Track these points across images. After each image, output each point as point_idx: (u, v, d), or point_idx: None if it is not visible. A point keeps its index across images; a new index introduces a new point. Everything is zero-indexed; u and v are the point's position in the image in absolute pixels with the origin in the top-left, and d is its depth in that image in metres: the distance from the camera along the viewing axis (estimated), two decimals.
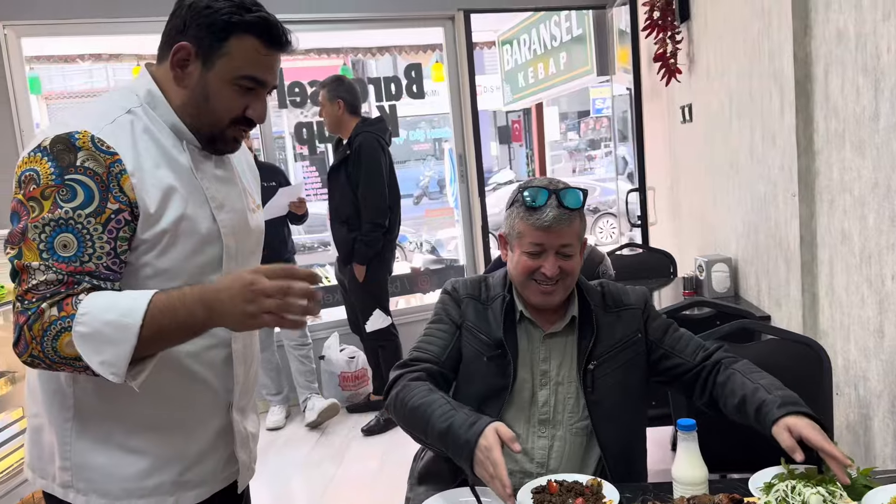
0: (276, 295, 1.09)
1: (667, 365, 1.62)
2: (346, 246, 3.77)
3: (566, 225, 1.53)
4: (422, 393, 1.48)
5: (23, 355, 1.14)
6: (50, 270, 1.13)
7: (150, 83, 1.28)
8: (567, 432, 1.59)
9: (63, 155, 1.15)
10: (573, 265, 1.56)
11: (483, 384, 1.60)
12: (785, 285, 2.55)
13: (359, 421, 4.13)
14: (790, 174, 2.39)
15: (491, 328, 1.61)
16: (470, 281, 1.70)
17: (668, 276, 3.70)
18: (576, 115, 21.42)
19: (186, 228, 1.25)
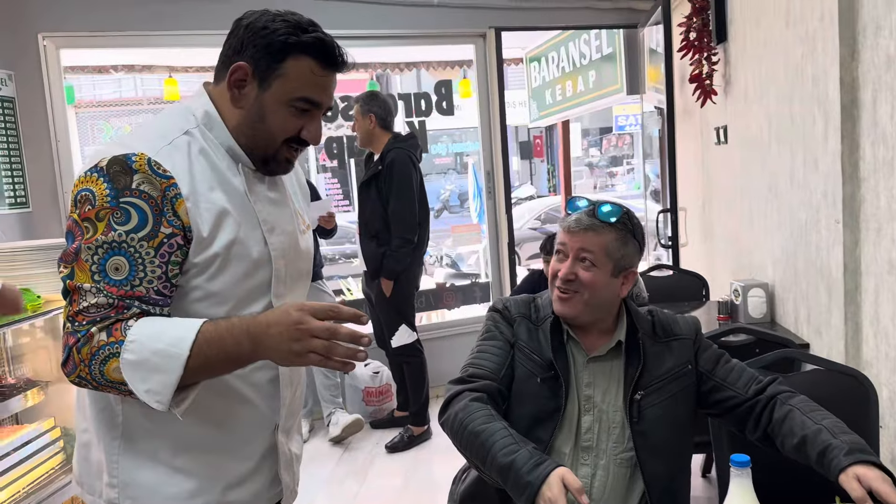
0: (322, 336, 1.08)
1: (718, 397, 1.58)
2: (375, 260, 3.77)
3: (592, 232, 1.53)
4: (483, 418, 1.43)
5: (70, 375, 1.14)
6: (101, 294, 1.14)
7: (208, 104, 1.28)
8: (610, 462, 1.56)
9: (119, 177, 1.15)
10: (591, 277, 1.53)
11: (535, 406, 1.56)
12: (826, 313, 2.50)
13: (382, 437, 4.10)
14: (834, 200, 2.35)
15: (542, 349, 1.58)
16: (521, 300, 1.68)
17: (701, 300, 3.65)
18: (598, 131, 21.40)
19: (238, 252, 1.25)
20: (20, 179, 3.64)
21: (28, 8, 3.68)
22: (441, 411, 1.52)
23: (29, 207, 3.71)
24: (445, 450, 1.64)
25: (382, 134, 3.82)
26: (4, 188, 3.53)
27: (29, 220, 3.70)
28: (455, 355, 4.68)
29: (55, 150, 3.80)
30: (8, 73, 3.60)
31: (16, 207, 3.61)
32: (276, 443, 1.39)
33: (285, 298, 1.34)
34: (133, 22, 3.88)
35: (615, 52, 5.33)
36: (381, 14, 4.29)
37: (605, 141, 21.55)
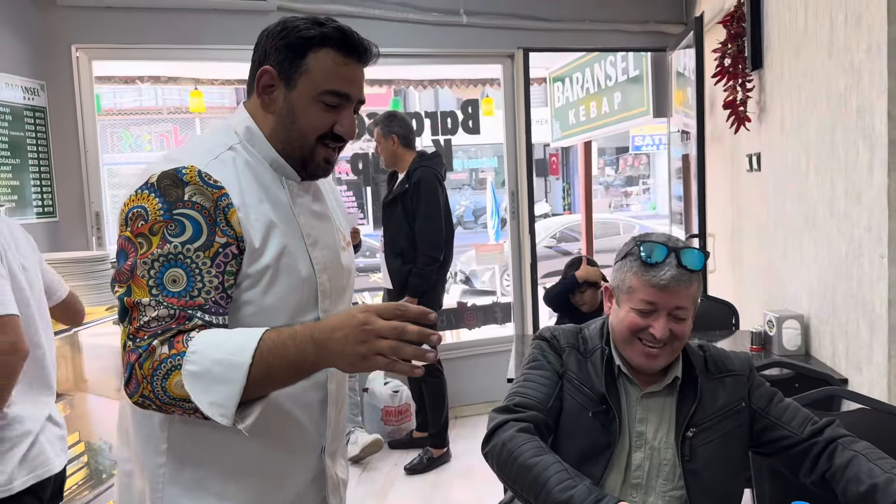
0: (390, 336, 1.04)
1: (772, 436, 1.54)
2: (401, 278, 3.75)
3: (684, 286, 1.46)
4: (534, 450, 1.37)
5: (133, 395, 1.11)
6: (161, 306, 1.11)
7: (248, 119, 1.28)
8: (660, 499, 1.51)
9: (171, 190, 1.14)
10: (685, 329, 1.49)
11: (587, 440, 1.52)
12: (867, 349, 2.44)
13: (401, 458, 4.06)
14: (879, 235, 2.30)
15: (593, 382, 1.54)
16: (569, 331, 1.64)
17: (730, 328, 3.59)
18: (614, 150, 21.39)
19: (287, 265, 1.23)
20: (48, 189, 3.65)
21: (62, 20, 3.70)
22: (486, 440, 1.46)
23: (56, 217, 3.71)
24: (465, 473, 1.60)
25: (406, 153, 3.84)
26: (33, 197, 3.54)
27: (56, 230, 3.70)
28: (475, 376, 4.65)
29: (83, 160, 3.81)
30: (41, 83, 3.62)
31: (43, 217, 3.61)
32: (324, 467, 1.36)
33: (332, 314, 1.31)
34: (163, 35, 3.90)
35: (642, 75, 5.31)
36: (410, 32, 4.30)
37: (622, 161, 21.52)
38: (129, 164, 13.69)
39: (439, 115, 4.67)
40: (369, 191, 11.28)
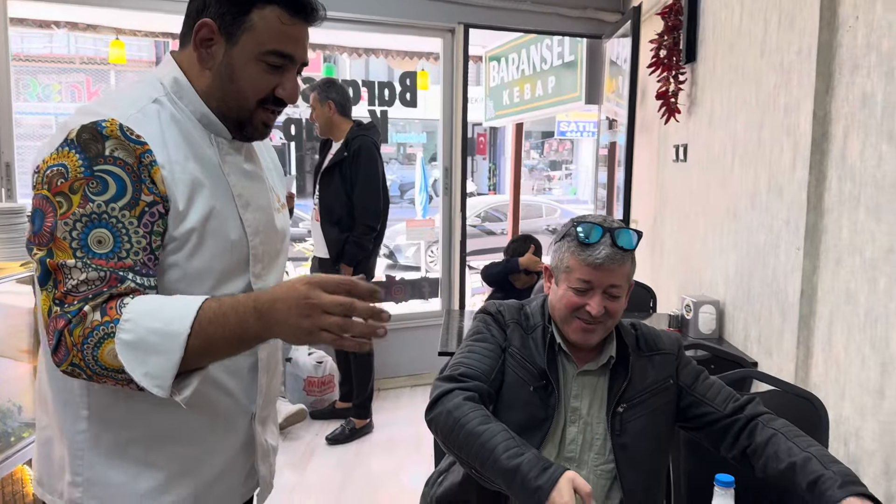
0: (336, 311, 0.99)
1: (697, 412, 1.62)
2: (337, 246, 3.72)
3: (618, 265, 1.52)
4: (480, 418, 1.39)
5: (62, 364, 1.05)
6: (89, 268, 1.05)
7: (176, 70, 1.21)
8: (591, 473, 1.57)
9: (91, 145, 1.07)
10: (618, 307, 1.55)
11: (525, 414, 1.56)
12: (778, 335, 2.60)
13: (323, 428, 4.04)
14: (796, 228, 2.44)
15: (535, 357, 1.58)
16: (513, 307, 1.67)
17: (648, 311, 3.74)
18: (540, 134, 21.69)
19: (214, 227, 1.18)
20: None
21: None
22: (430, 408, 1.47)
23: None
24: (386, 444, 1.63)
25: (342, 121, 3.79)
26: None
27: None
28: (400, 349, 4.67)
29: None
30: None
31: None
32: (253, 434, 1.33)
33: (264, 279, 1.27)
34: None
35: (576, 61, 5.40)
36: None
37: (547, 145, 21.87)
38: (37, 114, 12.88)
39: (377, 85, 4.61)
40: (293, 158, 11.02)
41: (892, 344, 1.97)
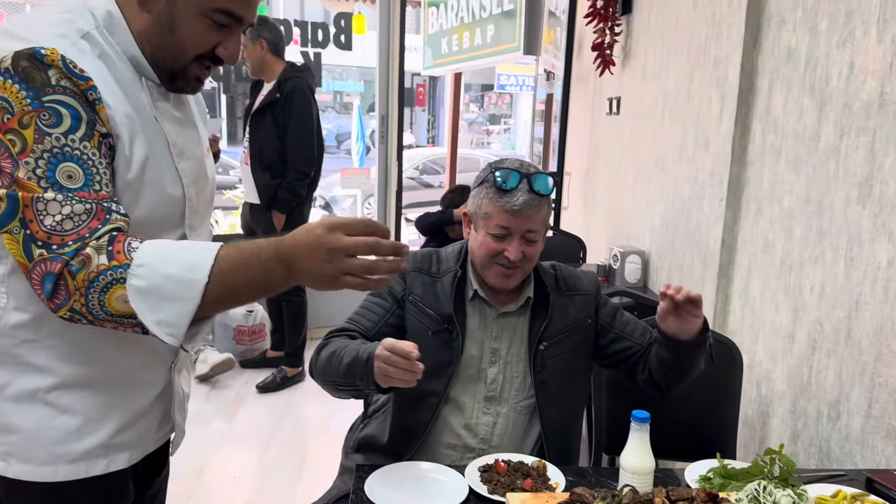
0: (362, 252, 0.98)
1: (616, 348, 1.67)
2: (269, 192, 3.62)
3: (535, 210, 1.53)
4: (339, 343, 1.51)
5: (61, 309, 0.98)
6: (73, 200, 0.97)
7: (111, 3, 1.11)
8: (512, 410, 1.61)
9: (33, 74, 0.97)
10: (535, 251, 1.57)
11: (428, 358, 1.58)
12: (699, 284, 2.68)
13: (253, 377, 4.00)
14: (720, 179, 2.51)
15: (439, 303, 1.61)
16: (421, 254, 1.69)
17: (578, 261, 3.81)
18: (479, 87, 21.56)
19: (151, 178, 1.10)
20: None
21: None
22: (311, 365, 1.57)
23: None
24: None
25: (275, 62, 3.66)
26: None
27: None
28: (336, 299, 4.62)
29: None
30: None
31: None
32: (171, 382, 1.30)
33: (197, 231, 1.22)
34: None
35: (516, 9, 5.33)
36: None
37: (486, 98, 21.78)
38: None
39: (310, 25, 4.45)
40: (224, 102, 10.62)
41: (804, 291, 2.06)
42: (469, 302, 1.63)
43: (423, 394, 1.60)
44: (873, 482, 1.42)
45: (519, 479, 1.43)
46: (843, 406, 1.85)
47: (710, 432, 2.01)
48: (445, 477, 1.43)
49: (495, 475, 1.44)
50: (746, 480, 1.34)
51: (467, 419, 1.61)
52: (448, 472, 1.45)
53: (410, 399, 1.61)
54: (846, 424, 1.83)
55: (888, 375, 1.68)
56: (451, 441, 1.61)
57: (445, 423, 1.61)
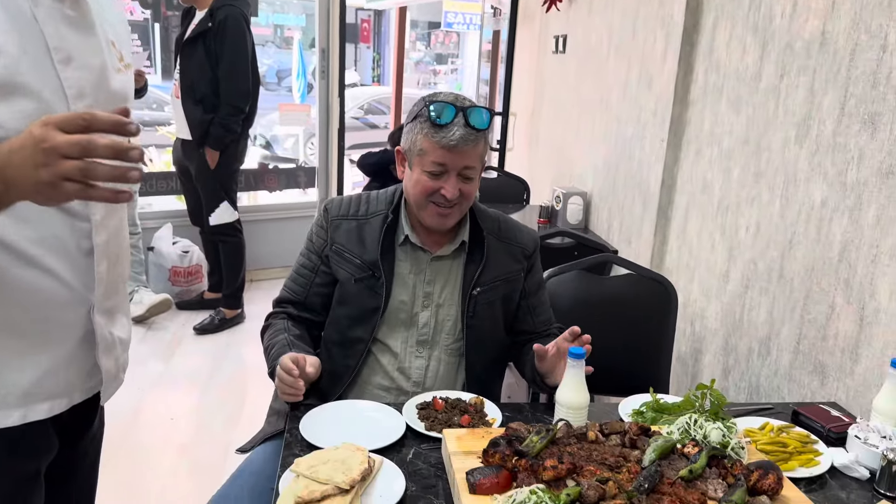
0: (74, 154, 0.82)
1: (518, 316, 1.66)
2: (201, 128, 3.46)
3: (472, 146, 1.47)
4: (271, 333, 1.57)
5: None
6: None
7: None
8: (443, 352, 1.60)
9: None
10: (472, 188, 1.52)
11: (355, 305, 1.57)
12: (638, 224, 2.70)
13: (190, 318, 3.91)
14: (662, 119, 2.50)
15: (365, 249, 1.56)
16: (348, 199, 1.63)
17: (522, 203, 3.80)
18: (426, 25, 21.07)
19: (22, 83, 0.99)
20: None
21: None
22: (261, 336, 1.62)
23: None
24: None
25: None
26: None
27: None
28: (273, 240, 4.53)
29: None
30: None
31: None
32: (93, 326, 1.21)
33: None
34: None
35: None
36: None
37: (433, 37, 21.33)
38: None
39: None
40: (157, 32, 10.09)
41: (740, 231, 2.09)
42: (399, 247, 1.58)
43: (350, 341, 1.57)
44: (799, 415, 1.47)
45: (456, 415, 1.42)
46: (773, 342, 1.90)
47: (646, 368, 2.05)
48: (382, 414, 1.42)
49: (433, 412, 1.43)
50: (678, 414, 1.36)
51: (400, 363, 1.58)
52: (384, 409, 1.43)
53: (338, 346, 1.59)
54: (775, 360, 1.89)
55: (817, 312, 1.73)
56: (383, 383, 1.59)
57: (378, 364, 1.59)
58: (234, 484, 1.46)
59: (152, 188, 4.43)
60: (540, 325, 1.66)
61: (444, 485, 1.18)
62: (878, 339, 1.52)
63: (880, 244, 1.52)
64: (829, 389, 1.67)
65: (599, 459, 1.14)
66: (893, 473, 1.21)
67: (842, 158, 1.65)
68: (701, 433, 1.20)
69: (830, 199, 1.69)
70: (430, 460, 1.27)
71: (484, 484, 1.08)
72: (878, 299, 1.52)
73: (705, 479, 1.10)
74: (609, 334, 2.06)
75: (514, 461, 1.11)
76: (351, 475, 1.11)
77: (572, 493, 1.00)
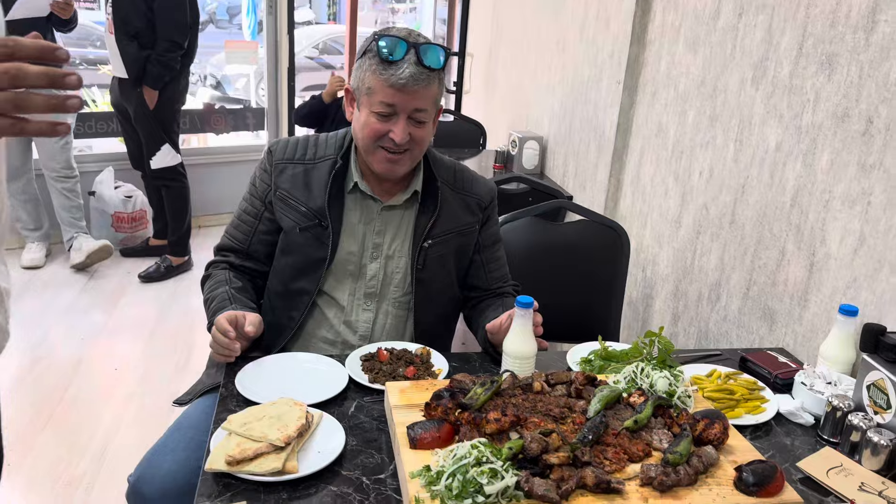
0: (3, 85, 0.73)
1: (471, 271, 1.60)
2: (137, 65, 3.27)
3: (423, 86, 1.36)
4: (211, 285, 1.49)
5: None
6: None
7: None
8: (391, 306, 1.54)
9: None
10: (425, 133, 1.42)
11: (300, 255, 1.49)
12: (593, 169, 2.66)
13: (135, 266, 3.78)
14: (619, 61, 2.43)
15: (312, 195, 1.47)
16: (295, 142, 1.53)
17: (478, 148, 3.72)
18: None
19: None
20: None
21: None
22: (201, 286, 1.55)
23: None
24: None
25: None
26: None
27: None
28: (224, 184, 4.38)
29: None
30: None
31: None
32: None
33: None
34: None
35: None
36: None
37: None
38: None
39: None
40: None
41: (693, 175, 2.05)
42: (348, 194, 1.50)
43: (294, 292, 1.50)
44: (746, 361, 1.46)
45: (401, 367, 1.37)
46: (723, 288, 1.89)
47: (597, 315, 2.03)
48: (324, 367, 1.36)
49: (377, 364, 1.38)
50: (626, 362, 1.34)
51: (346, 316, 1.52)
52: (326, 361, 1.37)
53: (282, 298, 1.52)
54: (725, 306, 1.88)
55: (767, 258, 1.71)
56: (329, 336, 1.53)
57: (323, 316, 1.53)
58: (170, 437, 1.40)
59: (92, 129, 4.22)
60: (493, 282, 1.61)
61: (387, 439, 1.14)
62: (827, 286, 1.52)
63: (833, 189, 1.50)
64: (778, 335, 1.67)
65: (544, 411, 1.11)
66: (837, 419, 1.21)
67: (798, 101, 1.62)
68: (647, 382, 1.17)
69: (785, 142, 1.65)
70: (373, 413, 1.22)
71: (425, 438, 1.04)
72: (829, 245, 1.51)
73: (650, 430, 1.08)
74: (561, 281, 2.04)
75: (456, 414, 1.07)
76: (286, 432, 1.06)
77: (514, 447, 0.97)
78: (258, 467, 1.01)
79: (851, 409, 1.20)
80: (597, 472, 0.95)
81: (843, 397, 1.22)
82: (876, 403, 1.17)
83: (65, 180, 3.64)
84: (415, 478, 0.96)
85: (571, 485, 0.94)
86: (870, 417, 1.16)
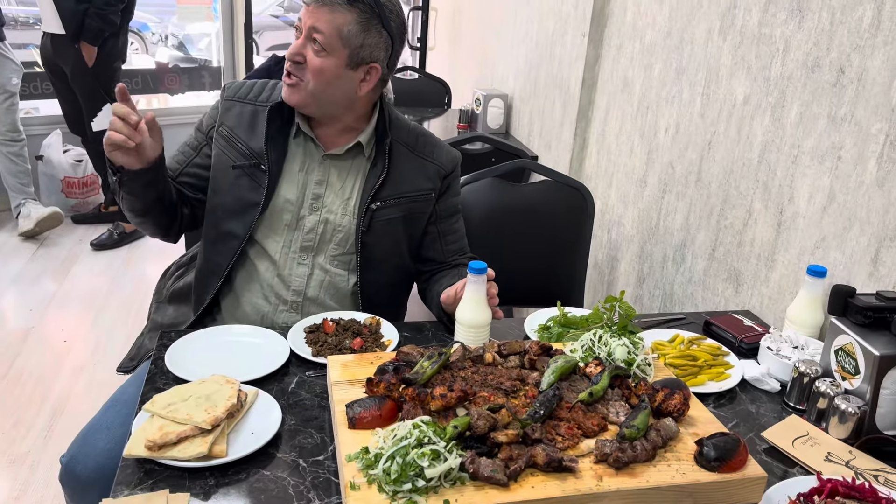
0: None
1: (425, 242, 1.52)
2: (74, 19, 3.07)
3: (326, 8, 1.29)
4: None
5: None
6: None
7: None
8: (328, 262, 1.45)
9: None
10: (319, 63, 1.32)
11: (231, 197, 1.41)
12: (558, 128, 2.57)
13: (87, 233, 3.64)
14: (583, 13, 2.32)
15: (254, 136, 1.41)
16: (251, 84, 1.47)
17: (443, 107, 3.60)
18: None
19: None
20: None
21: None
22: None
23: None
24: (161, 248, 1.46)
25: None
26: None
27: None
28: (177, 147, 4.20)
29: None
30: None
31: None
32: None
33: None
34: None
35: None
36: None
37: None
38: None
39: None
40: None
41: (659, 132, 1.97)
42: (293, 139, 1.42)
43: (223, 234, 1.43)
44: (711, 325, 1.40)
45: (348, 338, 1.29)
46: (689, 249, 1.83)
47: (561, 278, 1.96)
48: (263, 340, 1.27)
49: (322, 335, 1.29)
50: (586, 329, 1.27)
51: (280, 269, 1.43)
52: (266, 334, 1.28)
53: (212, 243, 1.45)
54: (689, 268, 1.82)
55: (733, 217, 1.65)
56: (262, 291, 1.44)
57: (254, 269, 1.44)
58: (106, 414, 1.32)
59: (38, 91, 4.02)
60: (449, 255, 1.52)
61: (329, 417, 1.06)
62: (795, 245, 1.45)
63: (802, 144, 1.43)
64: (744, 297, 1.61)
65: (495, 384, 1.03)
66: (804, 385, 1.15)
67: (766, 51, 1.53)
68: (605, 350, 1.10)
69: (753, 95, 1.58)
70: (316, 389, 1.14)
71: (364, 417, 0.96)
72: (797, 203, 1.45)
73: (607, 402, 1.01)
74: (524, 244, 1.96)
75: (400, 390, 0.99)
76: (214, 413, 0.97)
77: (460, 425, 0.89)
78: (182, 452, 0.93)
79: (819, 374, 1.15)
80: (548, 450, 0.88)
81: (810, 362, 1.16)
82: (844, 369, 1.11)
83: (11, 144, 3.46)
84: (351, 461, 0.88)
85: (520, 464, 0.87)
86: (837, 384, 1.10)
